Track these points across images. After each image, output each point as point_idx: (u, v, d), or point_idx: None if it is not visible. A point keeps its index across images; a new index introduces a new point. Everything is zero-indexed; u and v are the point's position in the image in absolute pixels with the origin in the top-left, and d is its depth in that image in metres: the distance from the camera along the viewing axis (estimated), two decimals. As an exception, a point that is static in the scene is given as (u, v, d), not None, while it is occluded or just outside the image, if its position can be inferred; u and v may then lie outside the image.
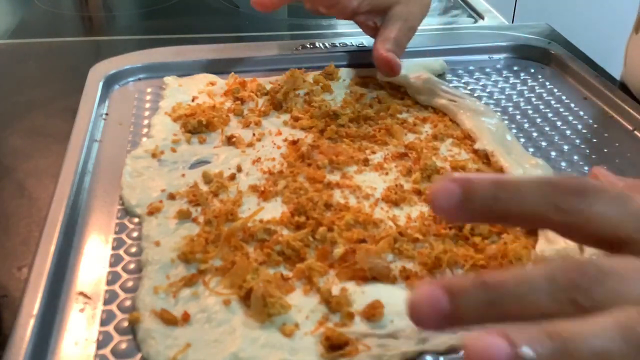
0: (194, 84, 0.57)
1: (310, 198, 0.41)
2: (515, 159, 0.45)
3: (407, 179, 0.45)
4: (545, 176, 0.29)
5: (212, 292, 0.35)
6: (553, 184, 0.28)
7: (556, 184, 0.28)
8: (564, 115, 0.55)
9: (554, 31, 0.73)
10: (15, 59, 0.69)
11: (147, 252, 0.37)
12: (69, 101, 0.54)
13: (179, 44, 0.63)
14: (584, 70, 0.60)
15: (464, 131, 0.50)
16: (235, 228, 0.38)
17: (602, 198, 0.27)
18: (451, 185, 0.28)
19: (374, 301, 0.33)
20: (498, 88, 0.59)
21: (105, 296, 0.35)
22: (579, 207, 0.27)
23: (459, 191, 0.28)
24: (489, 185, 0.28)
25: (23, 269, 0.38)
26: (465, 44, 0.65)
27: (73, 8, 0.93)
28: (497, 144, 0.47)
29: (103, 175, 0.45)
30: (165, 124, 0.51)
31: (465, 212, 0.28)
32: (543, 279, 0.25)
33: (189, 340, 0.32)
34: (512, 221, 0.32)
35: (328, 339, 0.31)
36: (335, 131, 0.49)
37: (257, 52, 0.62)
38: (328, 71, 0.58)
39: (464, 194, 0.28)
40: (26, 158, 0.50)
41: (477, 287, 0.26)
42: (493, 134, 0.48)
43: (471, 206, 0.28)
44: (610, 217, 0.27)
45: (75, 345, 0.32)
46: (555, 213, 0.27)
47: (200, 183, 0.44)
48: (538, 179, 0.29)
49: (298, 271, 0.36)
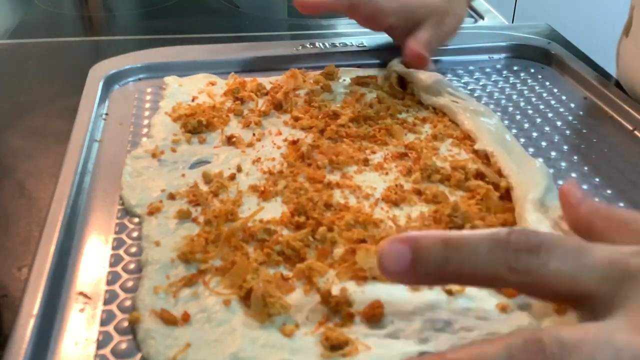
0: (194, 84, 0.57)
1: (310, 198, 0.41)
2: (515, 160, 0.45)
3: (407, 179, 0.45)
4: (496, 232, 0.27)
5: (212, 292, 0.35)
6: (504, 241, 0.27)
7: (507, 242, 0.27)
8: (564, 115, 0.55)
9: (554, 31, 0.73)
10: (15, 59, 0.69)
11: (147, 252, 0.37)
12: (69, 101, 0.54)
13: (179, 44, 0.63)
14: (584, 70, 0.60)
15: (463, 131, 0.50)
16: (235, 228, 0.38)
17: (556, 253, 0.26)
18: (400, 247, 0.27)
19: (374, 301, 0.33)
20: (498, 88, 0.59)
21: (105, 296, 0.35)
22: (533, 266, 0.26)
23: (409, 254, 0.27)
24: (440, 246, 0.27)
25: (23, 269, 0.38)
26: (465, 44, 0.65)
27: (73, 8, 0.94)
28: (497, 144, 0.47)
29: (103, 175, 0.45)
30: (165, 124, 0.51)
31: (417, 275, 0.27)
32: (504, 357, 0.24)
33: (189, 340, 0.32)
34: (465, 282, 0.30)
35: (328, 339, 0.31)
36: (335, 131, 0.49)
37: (257, 52, 0.62)
38: (328, 71, 0.58)
39: (414, 256, 0.27)
40: (26, 158, 0.50)
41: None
42: (493, 134, 0.48)
43: (422, 270, 0.27)
44: (567, 274, 0.26)
45: (75, 345, 0.32)
46: (510, 274, 0.26)
47: (200, 183, 0.44)
48: (490, 235, 0.27)
49: (298, 271, 0.36)
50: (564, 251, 0.27)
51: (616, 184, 0.45)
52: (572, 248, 0.27)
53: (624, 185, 0.45)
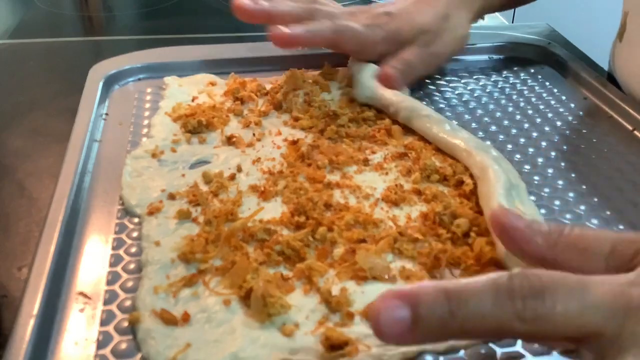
0: (194, 84, 0.57)
1: (310, 198, 0.41)
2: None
3: (407, 179, 0.45)
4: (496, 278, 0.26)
5: (212, 292, 0.35)
6: (508, 289, 0.25)
7: (511, 290, 0.25)
8: (564, 115, 0.55)
9: (554, 31, 0.73)
10: (15, 59, 0.69)
11: (147, 252, 0.37)
12: (69, 101, 0.54)
13: (179, 44, 0.63)
14: (584, 70, 0.60)
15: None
16: (235, 228, 0.38)
17: (560, 295, 0.26)
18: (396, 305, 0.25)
19: (374, 301, 0.33)
20: (498, 88, 0.59)
21: (105, 296, 0.35)
22: (541, 313, 0.25)
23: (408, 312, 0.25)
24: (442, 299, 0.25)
25: (23, 269, 0.38)
26: (465, 44, 0.65)
27: (73, 8, 0.94)
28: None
29: (103, 175, 0.45)
30: (165, 124, 0.51)
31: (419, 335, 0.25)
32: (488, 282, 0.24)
33: (189, 340, 0.32)
34: (471, 336, 0.29)
35: (328, 339, 0.31)
36: (335, 131, 0.49)
37: (257, 52, 0.62)
38: (327, 71, 0.58)
39: (414, 314, 0.25)
40: (26, 158, 0.50)
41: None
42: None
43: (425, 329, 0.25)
44: (574, 315, 0.25)
45: (75, 345, 0.32)
46: (518, 324, 0.25)
47: (200, 183, 0.44)
48: (491, 283, 0.26)
49: (298, 271, 0.36)
50: (567, 291, 0.26)
51: (616, 184, 0.45)
52: (574, 286, 0.26)
53: (623, 185, 0.45)
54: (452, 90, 0.59)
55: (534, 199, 0.43)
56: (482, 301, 0.25)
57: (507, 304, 0.25)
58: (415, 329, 0.25)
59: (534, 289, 0.26)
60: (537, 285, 0.26)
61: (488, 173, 0.41)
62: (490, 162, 0.42)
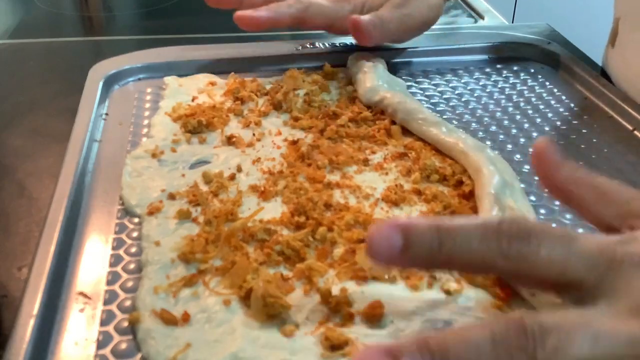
0: (194, 84, 0.57)
1: (310, 198, 0.41)
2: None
3: (407, 179, 0.45)
4: (488, 220, 0.28)
5: (212, 292, 0.35)
6: (496, 229, 0.27)
7: (499, 230, 0.27)
8: (564, 115, 0.55)
9: (554, 31, 0.73)
10: (15, 59, 0.69)
11: (147, 252, 0.37)
12: (69, 101, 0.54)
13: (179, 44, 0.63)
14: (584, 70, 0.60)
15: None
16: (235, 228, 0.38)
17: (546, 241, 0.27)
18: (391, 231, 0.27)
19: (374, 301, 0.33)
20: (498, 88, 0.59)
21: (105, 296, 0.35)
22: (524, 253, 0.27)
23: (400, 238, 0.27)
24: (432, 232, 0.27)
25: (23, 269, 0.38)
26: (465, 44, 0.65)
27: (73, 8, 0.94)
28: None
29: (103, 175, 0.45)
30: (165, 124, 0.51)
31: (408, 259, 0.27)
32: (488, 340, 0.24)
33: (189, 340, 0.32)
34: (456, 267, 0.31)
35: (328, 339, 0.31)
36: (335, 131, 0.49)
37: (257, 52, 0.62)
38: (327, 71, 0.58)
39: (406, 241, 0.27)
40: (26, 158, 0.50)
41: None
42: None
43: (414, 254, 0.27)
44: (557, 260, 0.27)
45: (75, 345, 0.32)
46: (501, 260, 0.27)
47: (200, 183, 0.44)
48: (482, 223, 0.28)
49: (298, 271, 0.36)
50: (553, 239, 0.27)
51: (616, 184, 0.45)
52: (561, 236, 0.28)
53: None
54: (452, 90, 0.59)
55: (534, 199, 0.43)
56: (470, 237, 0.27)
57: (494, 242, 0.27)
58: (405, 254, 0.27)
59: (521, 231, 0.27)
60: (524, 229, 0.27)
61: (481, 173, 0.42)
62: (484, 162, 0.43)
